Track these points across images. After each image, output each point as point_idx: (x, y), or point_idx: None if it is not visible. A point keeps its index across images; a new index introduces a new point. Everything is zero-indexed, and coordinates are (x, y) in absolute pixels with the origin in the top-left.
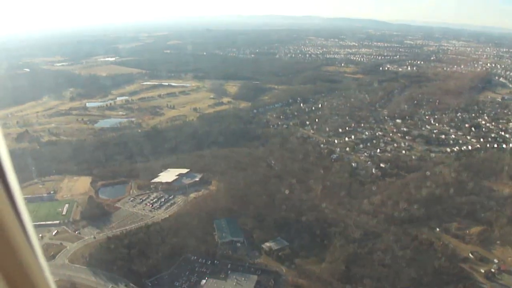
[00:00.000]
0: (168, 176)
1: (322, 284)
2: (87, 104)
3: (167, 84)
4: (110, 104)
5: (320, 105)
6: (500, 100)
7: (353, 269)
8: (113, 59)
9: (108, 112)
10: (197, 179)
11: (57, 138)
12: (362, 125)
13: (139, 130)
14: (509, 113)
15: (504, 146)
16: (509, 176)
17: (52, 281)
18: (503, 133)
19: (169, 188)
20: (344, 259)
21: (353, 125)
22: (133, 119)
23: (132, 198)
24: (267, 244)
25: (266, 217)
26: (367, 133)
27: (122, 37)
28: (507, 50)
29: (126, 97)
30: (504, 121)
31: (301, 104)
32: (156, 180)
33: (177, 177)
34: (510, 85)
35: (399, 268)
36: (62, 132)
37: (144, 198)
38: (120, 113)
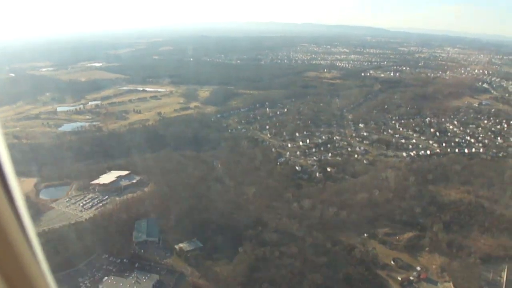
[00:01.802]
0: (108, 178)
1: (220, 286)
2: (58, 108)
3: (141, 89)
4: (80, 108)
5: (285, 110)
6: (476, 105)
7: (257, 273)
8: (99, 64)
9: (75, 116)
10: (134, 181)
11: (18, 141)
12: (322, 129)
13: (98, 134)
14: (482, 118)
15: (466, 150)
16: (460, 181)
17: (53, 282)
18: (468, 138)
19: (106, 189)
20: (251, 262)
21: (312, 129)
22: (96, 123)
23: (68, 199)
24: (181, 245)
25: (190, 218)
26: (324, 137)
27: (117, 43)
28: (501, 57)
29: (98, 102)
30: (474, 126)
31: (267, 109)
32: (95, 181)
33: (115, 179)
34: (493, 91)
35: (307, 273)
36: (24, 136)
37: (79, 199)
38: (87, 117)
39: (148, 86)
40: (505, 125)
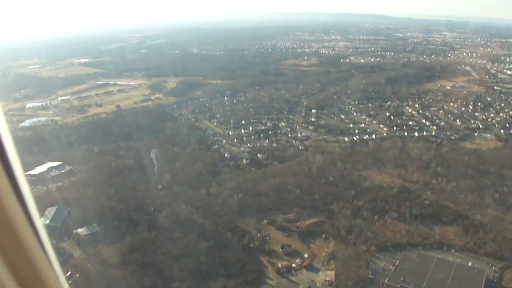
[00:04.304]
0: (41, 169)
1: (97, 266)
2: (27, 104)
3: (113, 83)
4: (47, 104)
5: (243, 98)
6: (449, 88)
7: (134, 256)
8: (85, 60)
9: (40, 111)
10: (63, 171)
11: None
12: (271, 116)
13: (51, 128)
14: (448, 100)
15: (416, 134)
16: (395, 165)
17: (62, 276)
18: (424, 121)
19: (35, 180)
20: (133, 246)
21: (261, 116)
22: (57, 117)
23: None
24: (79, 230)
25: (99, 205)
26: (269, 124)
27: (111, 39)
28: (498, 40)
29: (67, 97)
30: (435, 108)
31: (225, 98)
32: (28, 173)
33: (46, 169)
34: (474, 73)
35: (184, 258)
36: None
37: None
38: (50, 112)
39: (121, 80)
40: (470, 107)
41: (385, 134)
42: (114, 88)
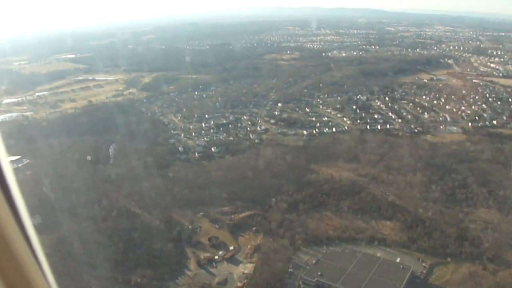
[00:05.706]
0: None
1: None
2: (4, 100)
3: (91, 78)
4: (23, 100)
5: (213, 92)
6: (426, 81)
7: (61, 247)
8: (72, 56)
9: (15, 107)
10: (21, 164)
11: None
12: (236, 110)
13: (20, 123)
14: (421, 93)
15: (379, 127)
16: (348, 159)
17: (54, 283)
18: (390, 114)
19: None
20: (63, 237)
21: (225, 110)
22: (28, 113)
23: None
24: None
25: (47, 197)
26: (231, 117)
27: (104, 34)
28: (490, 34)
29: (44, 93)
30: (405, 102)
31: (196, 92)
32: None
33: None
34: (456, 66)
35: (110, 248)
36: None
37: None
38: (24, 108)
39: (101, 75)
40: (442, 100)
41: (346, 127)
42: (91, 83)
